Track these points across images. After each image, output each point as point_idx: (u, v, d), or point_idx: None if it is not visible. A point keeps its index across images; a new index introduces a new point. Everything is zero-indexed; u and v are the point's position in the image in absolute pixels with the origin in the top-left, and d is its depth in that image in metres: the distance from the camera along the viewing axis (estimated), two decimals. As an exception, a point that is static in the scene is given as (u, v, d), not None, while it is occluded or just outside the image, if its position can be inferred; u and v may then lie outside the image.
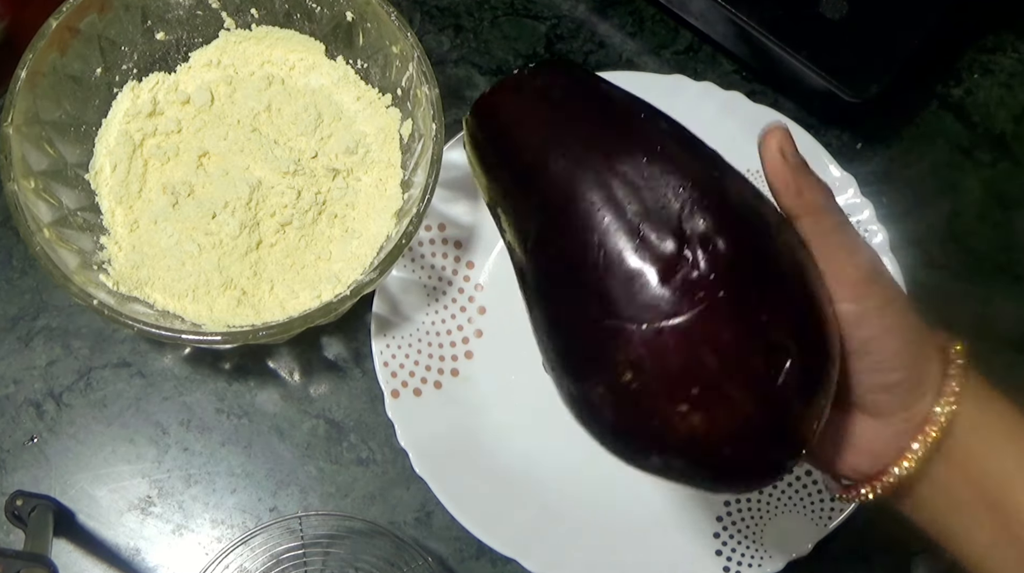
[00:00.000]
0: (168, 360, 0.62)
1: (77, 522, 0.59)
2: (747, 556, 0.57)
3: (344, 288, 0.53)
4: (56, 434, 0.60)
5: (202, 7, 0.60)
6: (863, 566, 0.59)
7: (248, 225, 0.58)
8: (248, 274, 0.57)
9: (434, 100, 0.55)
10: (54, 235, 0.53)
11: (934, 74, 0.68)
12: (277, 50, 0.61)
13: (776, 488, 0.58)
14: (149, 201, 0.59)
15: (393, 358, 0.59)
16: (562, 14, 0.68)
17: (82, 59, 0.57)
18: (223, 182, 0.58)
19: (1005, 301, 0.64)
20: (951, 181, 0.66)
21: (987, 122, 0.67)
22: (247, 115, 0.60)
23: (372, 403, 0.61)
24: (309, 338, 0.62)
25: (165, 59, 0.61)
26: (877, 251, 0.61)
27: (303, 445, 0.61)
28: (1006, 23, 0.69)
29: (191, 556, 0.59)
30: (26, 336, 0.62)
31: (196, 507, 0.60)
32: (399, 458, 0.60)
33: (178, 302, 0.57)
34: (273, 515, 0.60)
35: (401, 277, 0.61)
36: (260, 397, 0.61)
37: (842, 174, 0.62)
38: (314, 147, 0.60)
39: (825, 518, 0.57)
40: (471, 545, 0.59)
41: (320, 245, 0.59)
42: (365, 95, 0.60)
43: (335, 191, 0.59)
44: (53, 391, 0.61)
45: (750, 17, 0.61)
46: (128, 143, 0.59)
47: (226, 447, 0.61)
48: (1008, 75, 0.68)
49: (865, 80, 0.60)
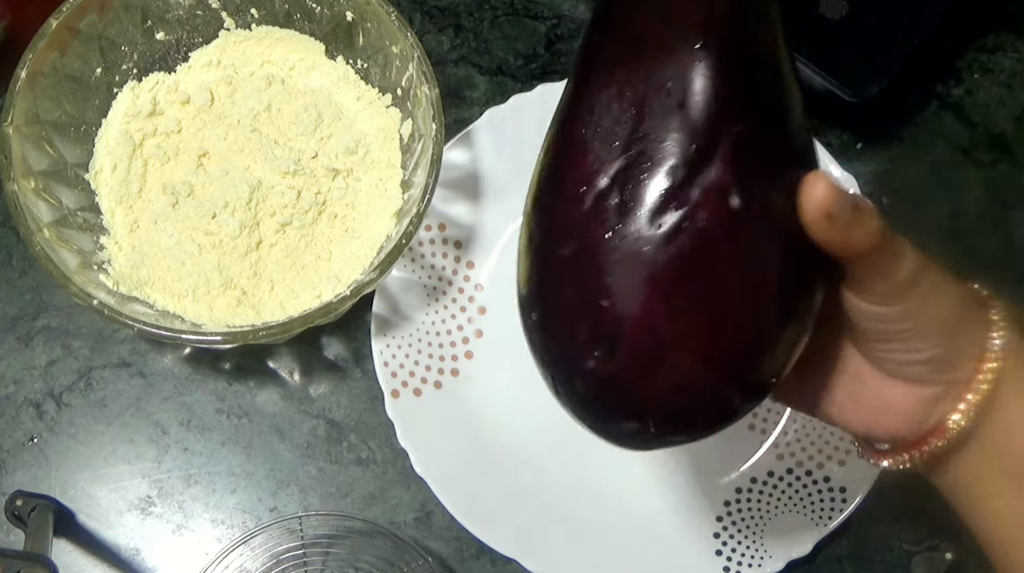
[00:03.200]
0: (168, 360, 0.62)
1: (77, 522, 0.59)
2: (747, 556, 0.57)
3: (344, 288, 0.53)
4: (56, 434, 0.60)
5: (202, 7, 0.60)
6: (863, 566, 0.59)
7: (248, 225, 0.58)
8: (248, 274, 0.57)
9: (434, 100, 0.55)
10: (54, 235, 0.53)
11: (934, 74, 0.68)
12: (277, 50, 0.61)
13: (776, 488, 0.58)
14: (149, 201, 0.59)
15: (393, 358, 0.59)
16: (562, 14, 0.68)
17: (82, 59, 0.57)
18: (223, 182, 0.58)
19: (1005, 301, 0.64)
20: (951, 181, 0.66)
21: (987, 122, 0.67)
22: (247, 115, 0.60)
23: (372, 403, 0.61)
24: (309, 338, 0.62)
25: (165, 59, 0.61)
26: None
27: (303, 445, 0.61)
28: (1006, 23, 0.69)
29: (191, 556, 0.59)
30: (26, 336, 0.62)
31: (196, 507, 0.60)
32: (399, 458, 0.60)
33: (178, 302, 0.57)
34: (273, 515, 0.59)
35: (401, 277, 0.61)
36: (260, 397, 0.61)
37: (842, 174, 0.62)
38: (314, 147, 0.60)
39: (825, 518, 0.57)
40: (471, 545, 0.59)
41: (320, 245, 0.59)
42: (365, 95, 0.60)
43: (335, 191, 0.59)
44: (53, 391, 0.61)
45: (750, 17, 0.61)
46: (128, 143, 0.59)
47: (226, 447, 0.61)
48: (1008, 75, 0.68)
49: (865, 80, 0.60)
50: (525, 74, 0.67)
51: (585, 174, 0.36)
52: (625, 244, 0.35)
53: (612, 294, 0.35)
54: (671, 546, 0.58)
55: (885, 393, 0.38)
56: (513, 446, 0.59)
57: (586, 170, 0.36)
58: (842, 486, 0.58)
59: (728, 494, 0.59)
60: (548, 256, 0.37)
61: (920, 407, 0.38)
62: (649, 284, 0.34)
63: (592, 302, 0.35)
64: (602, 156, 0.36)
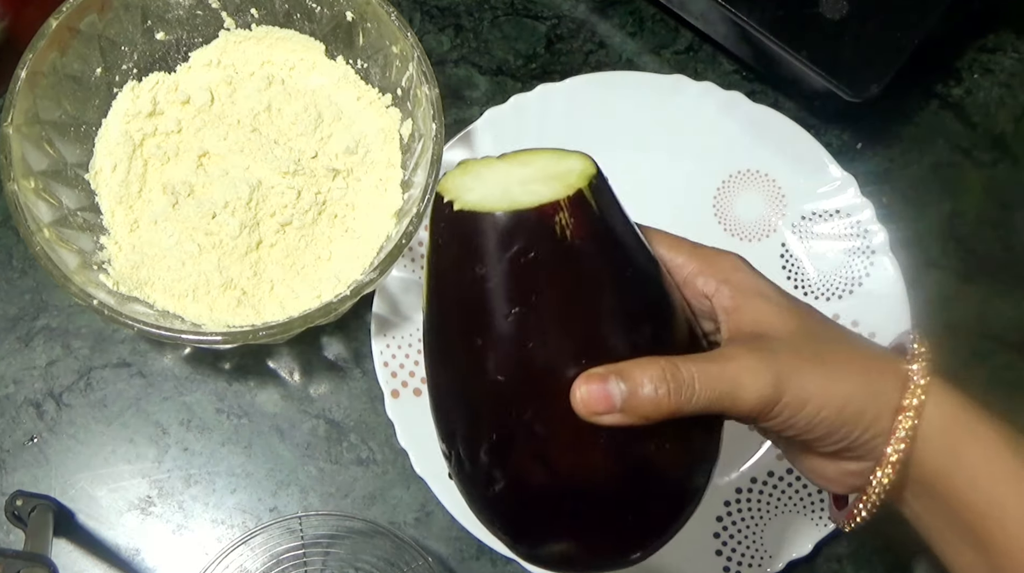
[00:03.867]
0: (168, 360, 0.62)
1: (77, 522, 0.59)
2: (747, 556, 0.57)
3: (344, 288, 0.53)
4: (56, 434, 0.60)
5: (202, 7, 0.60)
6: (863, 566, 0.59)
7: (248, 225, 0.58)
8: (248, 274, 0.57)
9: (434, 100, 0.55)
10: (54, 235, 0.53)
11: (934, 74, 0.68)
12: (277, 50, 0.61)
13: (776, 488, 0.58)
14: (149, 201, 0.59)
15: (393, 358, 0.59)
16: (562, 14, 0.68)
17: (82, 59, 0.57)
18: (223, 182, 0.58)
19: (1005, 301, 0.64)
20: (951, 181, 0.66)
21: (987, 122, 0.67)
22: (247, 115, 0.60)
23: (372, 403, 0.61)
24: (309, 338, 0.62)
25: (165, 59, 0.61)
26: (877, 251, 0.62)
27: (303, 445, 0.61)
28: (1006, 23, 0.69)
29: (191, 556, 0.59)
30: (26, 336, 0.62)
31: (196, 507, 0.60)
32: (399, 458, 0.60)
33: (178, 302, 0.57)
34: (273, 515, 0.59)
35: (401, 277, 0.61)
36: (260, 397, 0.61)
37: (842, 174, 0.62)
38: (314, 147, 0.60)
39: (825, 518, 0.57)
40: (471, 545, 0.59)
41: (320, 245, 0.59)
42: (365, 95, 0.60)
43: (335, 191, 0.59)
44: (53, 391, 0.61)
45: (750, 17, 0.61)
46: (128, 143, 0.59)
47: (226, 447, 0.61)
48: (1008, 75, 0.68)
49: (865, 80, 0.60)
50: (525, 74, 0.67)
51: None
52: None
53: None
54: (671, 546, 0.58)
55: (825, 468, 0.40)
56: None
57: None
58: (842, 486, 0.58)
59: (728, 494, 0.59)
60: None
61: (852, 479, 0.39)
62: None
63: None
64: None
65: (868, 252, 0.61)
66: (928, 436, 0.37)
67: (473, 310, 0.36)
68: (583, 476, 0.37)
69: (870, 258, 0.61)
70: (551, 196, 0.35)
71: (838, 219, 0.62)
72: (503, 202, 0.35)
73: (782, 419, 0.36)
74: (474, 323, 0.36)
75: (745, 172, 0.64)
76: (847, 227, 0.62)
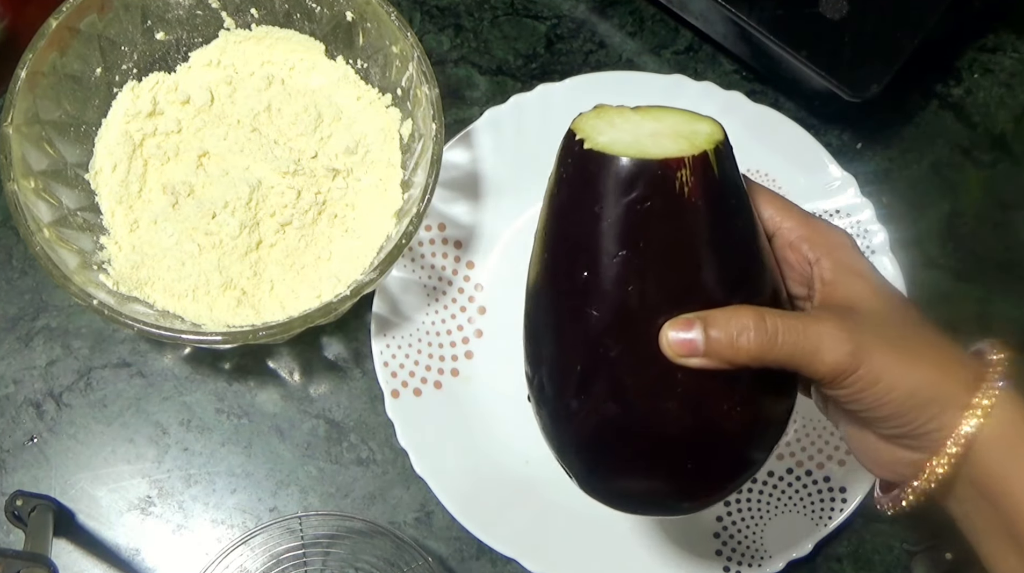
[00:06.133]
0: (168, 360, 0.62)
1: (77, 522, 0.59)
2: (747, 556, 0.57)
3: (344, 288, 0.53)
4: (56, 434, 0.60)
5: (202, 7, 0.60)
6: (863, 566, 0.59)
7: (248, 225, 0.58)
8: (248, 274, 0.57)
9: (434, 100, 0.55)
10: (54, 235, 0.53)
11: (934, 74, 0.68)
12: (277, 50, 0.61)
13: (776, 488, 0.58)
14: (149, 201, 0.59)
15: (393, 358, 0.59)
16: (562, 14, 0.68)
17: (82, 59, 0.57)
18: (223, 182, 0.58)
19: (1005, 301, 0.64)
20: (951, 181, 0.66)
21: (987, 122, 0.67)
22: (247, 115, 0.60)
23: (372, 403, 0.61)
24: (309, 338, 0.62)
25: (165, 59, 0.61)
26: (877, 251, 0.62)
27: (303, 445, 0.61)
28: (1006, 23, 0.69)
29: (191, 556, 0.59)
30: (26, 336, 0.62)
31: (196, 507, 0.60)
32: (399, 458, 0.60)
33: (178, 302, 0.57)
34: (273, 515, 0.59)
35: (401, 277, 0.61)
36: (260, 397, 0.61)
37: (842, 174, 0.62)
38: (314, 147, 0.60)
39: (825, 518, 0.57)
40: (471, 545, 0.59)
41: (320, 245, 0.59)
42: (365, 95, 0.60)
43: (335, 191, 0.59)
44: (53, 391, 0.61)
45: (750, 17, 0.61)
46: (128, 143, 0.59)
47: (226, 447, 0.61)
48: (1008, 75, 0.68)
49: (865, 80, 0.60)
50: (525, 74, 0.67)
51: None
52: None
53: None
54: (671, 546, 0.58)
55: (880, 452, 0.40)
56: (513, 446, 0.59)
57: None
58: (842, 486, 0.58)
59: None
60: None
61: (903, 468, 0.40)
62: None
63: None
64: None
65: (868, 252, 0.61)
66: (990, 438, 0.37)
67: (583, 245, 0.38)
68: (656, 420, 0.39)
69: (870, 258, 0.61)
70: (677, 152, 0.37)
71: (838, 219, 0.62)
72: (631, 149, 0.37)
73: (853, 390, 0.37)
74: (582, 257, 0.38)
75: (745, 171, 0.63)
76: (847, 227, 0.62)
